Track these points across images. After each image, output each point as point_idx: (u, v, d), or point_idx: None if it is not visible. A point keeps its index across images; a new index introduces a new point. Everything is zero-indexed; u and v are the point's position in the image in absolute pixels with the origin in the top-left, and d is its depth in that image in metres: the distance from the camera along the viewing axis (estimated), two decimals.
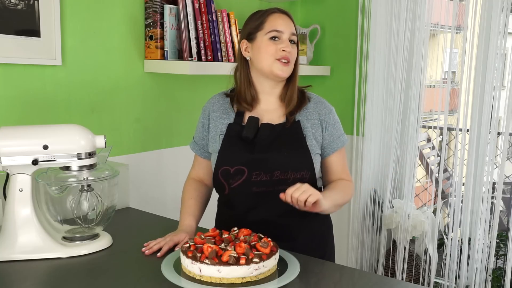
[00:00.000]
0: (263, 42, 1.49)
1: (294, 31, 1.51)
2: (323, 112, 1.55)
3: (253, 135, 1.49)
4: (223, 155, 1.51)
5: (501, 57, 2.35)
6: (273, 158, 1.47)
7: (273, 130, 1.51)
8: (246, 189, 1.49)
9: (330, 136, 1.55)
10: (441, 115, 2.61)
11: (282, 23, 1.49)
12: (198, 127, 1.63)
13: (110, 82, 1.99)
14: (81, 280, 1.27)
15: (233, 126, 1.53)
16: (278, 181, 1.47)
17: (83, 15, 1.86)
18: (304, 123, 1.53)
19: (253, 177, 1.47)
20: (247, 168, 1.47)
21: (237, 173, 1.49)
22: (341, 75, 2.84)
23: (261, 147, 1.48)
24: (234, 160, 1.49)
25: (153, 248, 1.41)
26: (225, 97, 1.60)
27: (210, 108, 1.60)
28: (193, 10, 2.06)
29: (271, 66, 1.49)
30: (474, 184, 2.48)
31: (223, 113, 1.57)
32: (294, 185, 1.34)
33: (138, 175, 2.11)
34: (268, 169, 1.47)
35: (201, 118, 1.62)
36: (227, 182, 1.51)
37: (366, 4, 2.65)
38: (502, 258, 2.68)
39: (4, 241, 1.37)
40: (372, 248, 2.84)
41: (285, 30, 1.49)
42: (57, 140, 1.37)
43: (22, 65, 1.71)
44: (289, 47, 1.48)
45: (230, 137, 1.52)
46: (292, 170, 1.47)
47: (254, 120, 1.51)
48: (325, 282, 1.27)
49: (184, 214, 1.56)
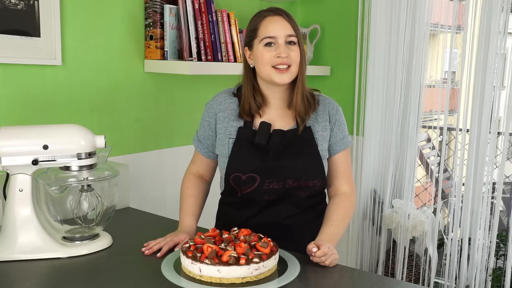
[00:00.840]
0: (259, 50, 1.44)
1: (290, 32, 1.43)
2: (332, 112, 1.53)
3: (266, 141, 1.46)
4: (234, 161, 1.48)
5: (501, 57, 2.35)
6: (287, 166, 1.45)
7: (284, 136, 1.48)
8: (258, 196, 1.48)
9: (334, 136, 1.53)
10: (441, 115, 2.61)
11: (275, 27, 1.42)
12: (203, 125, 1.57)
13: (110, 82, 1.99)
14: (81, 280, 1.27)
15: (243, 131, 1.49)
16: (290, 189, 1.47)
17: (83, 15, 1.86)
18: (315, 127, 1.51)
19: (265, 185, 1.46)
20: (259, 176, 1.45)
21: (248, 180, 1.47)
22: (341, 75, 2.84)
23: (274, 154, 1.46)
24: (246, 167, 1.46)
25: (153, 248, 1.41)
26: (232, 97, 1.55)
27: (217, 107, 1.54)
28: (193, 10, 2.06)
29: (270, 74, 1.44)
30: (474, 184, 2.48)
31: (231, 114, 1.52)
32: (322, 248, 1.33)
33: (138, 175, 2.11)
34: (281, 177, 1.45)
35: (206, 116, 1.56)
36: (239, 188, 1.49)
37: (366, 4, 2.65)
38: (502, 258, 2.68)
39: (4, 241, 1.37)
40: (372, 248, 2.84)
41: (278, 34, 1.42)
42: (57, 140, 1.37)
43: (22, 65, 1.71)
44: (284, 52, 1.41)
45: (241, 142, 1.48)
46: (305, 178, 1.46)
47: (267, 126, 1.47)
48: (325, 282, 1.27)
49: (184, 214, 1.56)
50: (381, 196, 2.77)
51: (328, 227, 1.45)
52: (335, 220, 1.47)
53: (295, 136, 1.48)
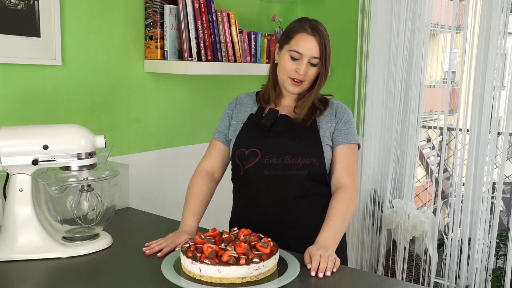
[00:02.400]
0: (285, 57, 1.55)
1: (316, 55, 1.52)
2: (339, 111, 1.61)
3: (271, 123, 1.56)
4: (240, 138, 1.59)
5: (501, 57, 2.35)
6: (285, 143, 1.53)
7: (290, 121, 1.57)
8: (258, 171, 1.54)
9: (339, 130, 1.58)
10: (441, 115, 2.62)
11: (305, 46, 1.52)
12: (223, 119, 1.68)
13: (110, 82, 1.99)
14: (81, 280, 1.27)
15: (254, 116, 1.62)
16: (289, 166, 1.52)
17: (83, 15, 1.86)
18: (320, 118, 1.59)
19: (265, 160, 1.53)
20: (260, 151, 1.54)
21: (251, 155, 1.54)
22: (341, 75, 2.84)
23: (276, 133, 1.55)
24: (249, 143, 1.56)
25: (154, 249, 1.41)
26: (251, 96, 1.68)
27: (237, 101, 1.68)
28: (193, 10, 2.06)
29: (284, 81, 1.57)
30: (474, 184, 2.48)
31: (247, 107, 1.66)
32: (313, 258, 1.32)
33: (138, 175, 2.11)
34: (279, 153, 1.52)
35: (227, 110, 1.68)
36: (241, 163, 1.56)
37: (366, 4, 2.65)
38: (502, 258, 2.68)
39: (4, 241, 1.37)
40: (372, 248, 2.84)
41: (306, 53, 1.52)
42: (57, 140, 1.37)
43: (22, 65, 1.71)
44: (303, 70, 1.52)
45: (249, 124, 1.60)
46: (303, 156, 1.52)
47: (274, 111, 1.59)
48: (325, 282, 1.27)
49: (188, 213, 1.56)
50: (381, 196, 2.77)
51: (327, 222, 1.47)
52: (333, 215, 1.48)
53: (300, 123, 1.57)
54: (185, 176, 1.71)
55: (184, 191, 1.63)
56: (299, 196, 1.54)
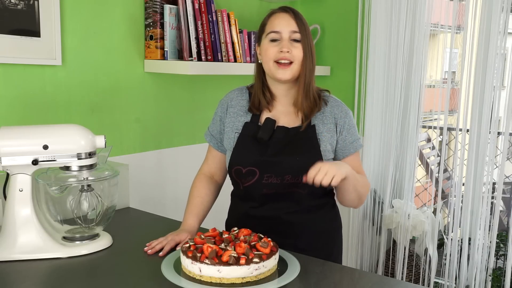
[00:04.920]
0: (265, 45, 1.47)
1: (295, 29, 1.44)
2: (338, 116, 1.52)
3: (268, 137, 1.48)
4: (236, 154, 1.50)
5: (501, 57, 2.35)
6: (285, 162, 1.45)
7: (287, 133, 1.49)
8: (257, 189, 1.49)
9: (343, 141, 1.52)
10: (441, 115, 2.62)
11: (280, 22, 1.45)
12: (215, 120, 1.61)
13: (110, 82, 1.99)
14: (81, 280, 1.27)
15: (249, 126, 1.52)
16: (289, 185, 1.47)
17: (83, 15, 1.86)
18: (320, 128, 1.50)
19: (264, 179, 1.47)
20: (258, 170, 1.47)
21: (248, 173, 1.48)
22: (341, 75, 2.84)
23: (274, 149, 1.47)
24: (246, 160, 1.48)
25: (155, 248, 1.41)
26: (244, 94, 1.58)
27: (229, 102, 1.58)
28: (193, 10, 2.06)
29: (272, 69, 1.46)
30: (474, 184, 2.48)
31: (240, 110, 1.55)
32: (315, 166, 1.32)
33: (138, 175, 2.11)
34: (279, 172, 1.46)
35: (219, 111, 1.59)
36: (240, 181, 1.52)
37: (366, 4, 2.65)
38: (502, 258, 2.68)
39: (4, 241, 1.37)
40: (372, 248, 2.84)
41: (283, 29, 1.44)
42: (57, 140, 1.37)
43: (22, 65, 1.71)
44: (286, 47, 1.43)
45: (245, 136, 1.51)
46: (304, 174, 1.44)
47: (271, 122, 1.49)
48: (325, 282, 1.27)
49: (188, 213, 1.56)
50: (381, 196, 2.77)
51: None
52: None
53: (298, 134, 1.49)
54: (185, 176, 1.71)
55: (184, 191, 1.63)
56: (300, 210, 1.51)
